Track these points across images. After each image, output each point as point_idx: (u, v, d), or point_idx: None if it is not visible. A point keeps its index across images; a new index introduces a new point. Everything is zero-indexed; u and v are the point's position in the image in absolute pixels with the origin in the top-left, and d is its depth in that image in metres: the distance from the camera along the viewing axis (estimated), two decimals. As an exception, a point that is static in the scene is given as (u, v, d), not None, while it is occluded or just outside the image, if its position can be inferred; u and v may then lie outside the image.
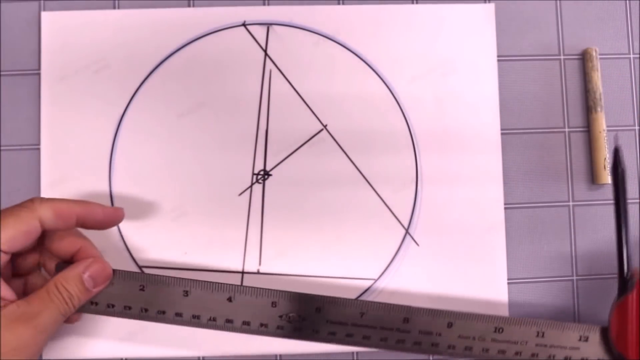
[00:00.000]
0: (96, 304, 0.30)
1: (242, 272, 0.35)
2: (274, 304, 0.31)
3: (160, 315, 0.31)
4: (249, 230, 0.35)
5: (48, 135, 0.35)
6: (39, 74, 0.36)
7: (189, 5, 0.37)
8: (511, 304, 0.36)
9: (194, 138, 0.36)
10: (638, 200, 0.37)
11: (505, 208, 0.36)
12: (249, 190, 0.36)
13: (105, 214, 0.30)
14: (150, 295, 0.30)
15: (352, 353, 0.35)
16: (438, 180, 0.36)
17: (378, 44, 0.37)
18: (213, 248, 0.35)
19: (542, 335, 0.32)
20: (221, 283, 0.31)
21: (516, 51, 0.38)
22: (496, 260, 0.36)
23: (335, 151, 0.36)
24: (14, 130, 0.36)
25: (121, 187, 0.35)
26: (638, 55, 0.38)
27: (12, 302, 0.27)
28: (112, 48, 0.36)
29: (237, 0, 0.37)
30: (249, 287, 0.31)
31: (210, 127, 0.36)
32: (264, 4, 0.37)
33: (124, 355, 0.34)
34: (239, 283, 0.35)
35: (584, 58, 0.38)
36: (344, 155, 0.36)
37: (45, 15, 0.36)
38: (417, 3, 0.37)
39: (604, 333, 0.31)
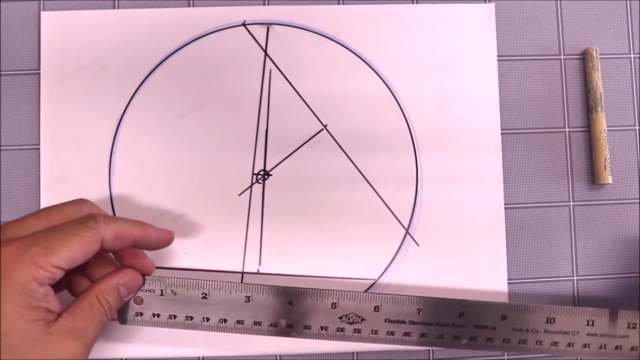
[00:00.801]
0: (141, 314, 0.31)
1: (242, 272, 0.35)
2: (333, 305, 0.31)
3: (188, 322, 0.31)
4: (249, 230, 0.35)
5: (48, 135, 0.35)
6: (38, 74, 0.36)
7: (188, 5, 0.37)
8: (511, 304, 0.36)
9: (193, 138, 0.36)
10: (638, 200, 0.37)
11: (505, 208, 0.36)
12: (249, 190, 0.36)
13: (159, 238, 0.31)
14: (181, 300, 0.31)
15: (352, 353, 0.35)
16: (438, 180, 0.36)
17: (378, 44, 0.37)
18: (213, 248, 0.35)
19: (592, 324, 0.32)
20: (281, 286, 0.32)
21: (516, 51, 0.38)
22: (496, 261, 0.36)
23: (335, 151, 0.36)
24: (14, 130, 0.36)
25: (121, 187, 0.35)
26: (638, 55, 0.38)
27: (58, 314, 0.27)
28: (112, 48, 0.36)
29: (237, 0, 0.37)
30: (310, 288, 0.32)
31: (210, 127, 0.36)
32: (264, 4, 0.37)
33: (124, 355, 0.34)
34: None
35: (585, 58, 0.38)
36: (344, 155, 0.36)
37: (45, 15, 0.36)
38: (417, 3, 0.37)
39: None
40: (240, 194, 0.36)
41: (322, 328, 0.32)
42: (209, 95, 0.36)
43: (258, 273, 0.35)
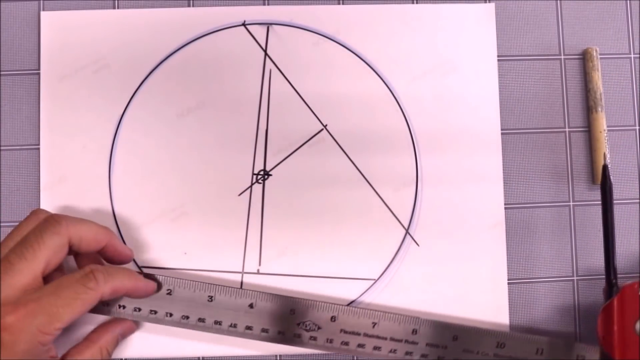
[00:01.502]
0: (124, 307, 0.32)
1: (242, 272, 0.35)
2: (292, 312, 0.32)
3: (183, 321, 0.32)
4: (249, 230, 0.35)
5: (48, 135, 0.35)
6: (38, 74, 0.36)
7: (188, 5, 0.37)
8: (511, 304, 0.36)
9: (193, 138, 0.36)
10: (638, 201, 0.37)
11: (505, 208, 0.36)
12: (249, 190, 0.36)
13: (146, 289, 0.32)
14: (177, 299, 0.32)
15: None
16: (438, 180, 0.36)
17: (378, 44, 0.37)
18: (213, 248, 0.35)
19: (541, 353, 0.33)
20: (243, 289, 0.33)
21: (516, 51, 0.38)
22: (496, 260, 0.36)
23: (335, 151, 0.36)
24: (14, 130, 0.36)
25: (121, 187, 0.35)
26: (639, 55, 0.38)
27: None
28: (112, 48, 0.36)
29: (237, 0, 0.37)
30: (268, 293, 0.32)
31: (210, 127, 0.36)
32: (264, 4, 0.37)
33: (124, 356, 0.34)
34: (239, 283, 0.35)
35: (585, 58, 0.38)
36: (344, 155, 0.36)
37: (44, 15, 0.36)
38: (417, 3, 0.37)
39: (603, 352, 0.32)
40: (240, 194, 0.36)
41: (279, 332, 0.32)
42: (209, 95, 0.36)
43: (258, 273, 0.35)
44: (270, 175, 0.36)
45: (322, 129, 0.36)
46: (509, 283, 0.36)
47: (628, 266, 0.37)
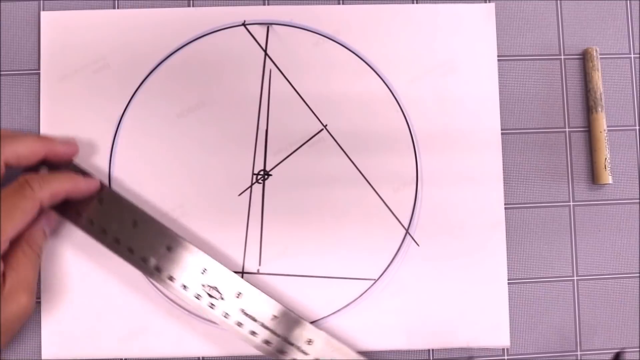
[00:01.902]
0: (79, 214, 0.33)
1: (242, 272, 0.35)
2: (204, 271, 0.33)
3: (115, 244, 0.33)
4: (249, 230, 0.35)
5: (48, 135, 0.35)
6: (38, 74, 0.36)
7: (189, 5, 0.37)
8: (511, 304, 0.36)
9: (193, 138, 0.36)
10: (638, 200, 0.37)
11: (505, 208, 0.36)
12: (249, 190, 0.36)
13: (88, 187, 0.32)
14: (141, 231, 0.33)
15: (352, 353, 0.35)
16: (438, 180, 0.36)
17: (378, 44, 0.37)
18: (213, 248, 0.35)
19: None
20: (167, 228, 0.33)
21: (516, 51, 0.38)
22: (496, 260, 0.36)
23: (335, 151, 0.36)
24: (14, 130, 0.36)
25: (121, 187, 0.35)
26: (639, 55, 0.38)
27: (3, 275, 0.29)
28: (112, 48, 0.36)
29: (237, 0, 0.37)
30: (187, 242, 0.33)
31: (210, 127, 0.36)
32: (264, 4, 0.37)
33: (124, 356, 0.34)
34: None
35: (585, 58, 0.38)
36: (344, 155, 0.36)
37: (44, 15, 0.36)
38: (417, 3, 0.37)
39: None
40: (240, 194, 0.36)
41: (183, 286, 0.32)
42: (209, 95, 0.36)
43: (258, 273, 0.35)
44: (270, 175, 0.36)
45: (322, 129, 0.36)
46: (509, 283, 0.36)
47: (628, 266, 0.37)
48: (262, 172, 0.36)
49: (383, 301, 0.35)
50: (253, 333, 0.32)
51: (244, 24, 0.37)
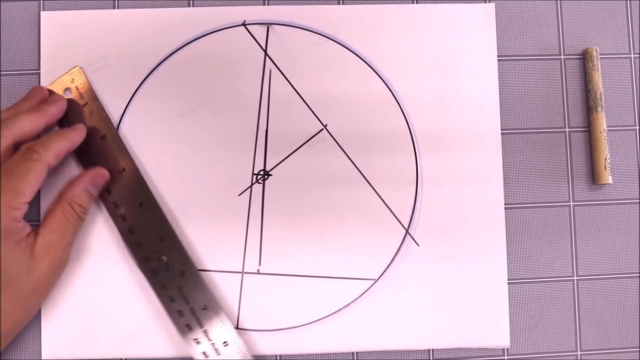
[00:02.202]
0: None
1: (242, 272, 0.35)
2: (162, 238, 0.34)
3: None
4: (249, 230, 0.35)
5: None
6: (38, 74, 0.36)
7: (189, 5, 0.37)
8: (511, 304, 0.36)
9: (193, 138, 0.36)
10: (638, 200, 0.37)
11: (505, 208, 0.36)
12: (249, 190, 0.36)
13: (81, 137, 0.33)
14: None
15: (352, 353, 0.35)
16: (438, 180, 0.36)
17: (378, 44, 0.37)
18: (213, 248, 0.35)
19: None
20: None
21: (516, 51, 0.38)
22: (496, 260, 0.36)
23: (335, 151, 0.36)
24: (14, 130, 0.36)
25: (121, 187, 0.35)
26: (639, 55, 0.38)
27: (36, 233, 0.31)
28: (112, 48, 0.36)
29: (237, 0, 0.37)
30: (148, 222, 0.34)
31: (210, 127, 0.36)
32: (264, 4, 0.37)
33: (123, 356, 0.34)
34: (239, 283, 0.35)
35: (585, 58, 0.38)
36: (344, 155, 0.36)
37: (44, 15, 0.36)
38: (417, 3, 0.37)
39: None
40: (240, 194, 0.36)
41: (145, 258, 0.34)
42: (209, 95, 0.36)
43: (258, 273, 0.35)
44: (270, 175, 0.36)
45: (322, 129, 0.36)
46: (509, 283, 0.36)
47: (628, 266, 0.37)
48: (262, 172, 0.36)
49: (383, 301, 0.35)
50: (180, 312, 0.33)
51: (244, 24, 0.37)
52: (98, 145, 0.34)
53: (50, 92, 0.34)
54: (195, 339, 0.33)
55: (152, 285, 0.34)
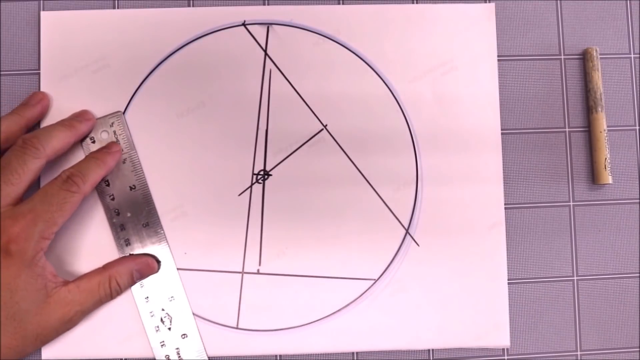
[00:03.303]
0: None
1: (242, 272, 0.35)
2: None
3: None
4: (249, 230, 0.35)
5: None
6: (38, 74, 0.36)
7: (188, 5, 0.37)
8: (511, 304, 0.36)
9: (193, 138, 0.36)
10: (638, 200, 0.37)
11: (505, 208, 0.36)
12: (249, 190, 0.36)
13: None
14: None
15: (352, 353, 0.35)
16: (438, 180, 0.36)
17: (378, 44, 0.37)
18: (213, 248, 0.35)
19: None
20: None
21: (516, 51, 0.38)
22: (496, 260, 0.36)
23: (335, 151, 0.36)
24: (14, 130, 0.36)
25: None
26: (639, 55, 0.38)
27: (63, 283, 0.31)
28: (112, 48, 0.36)
29: (237, 0, 0.37)
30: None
31: (210, 127, 0.36)
32: (264, 4, 0.37)
33: (123, 356, 0.34)
34: (239, 283, 0.35)
35: (585, 58, 0.38)
36: (344, 155, 0.36)
37: (44, 15, 0.36)
38: (417, 3, 0.37)
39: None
40: (240, 194, 0.36)
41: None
42: (209, 95, 0.36)
43: (258, 273, 0.35)
44: (270, 175, 0.36)
45: (322, 129, 0.36)
46: (509, 283, 0.36)
47: (628, 266, 0.37)
48: (262, 172, 0.36)
49: (383, 301, 0.35)
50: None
51: (244, 24, 0.37)
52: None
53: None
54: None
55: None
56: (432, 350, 0.36)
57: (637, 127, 0.38)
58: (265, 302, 0.35)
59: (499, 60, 0.37)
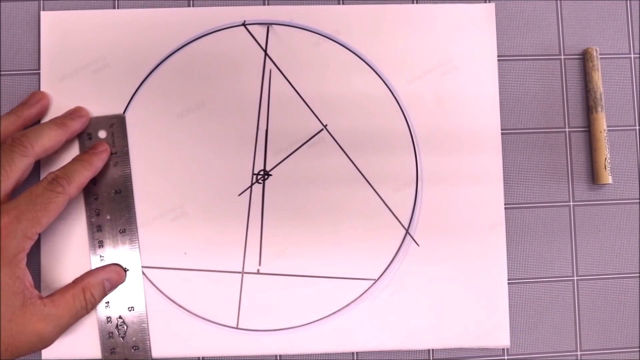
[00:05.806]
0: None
1: (242, 272, 0.35)
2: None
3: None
4: (249, 230, 0.35)
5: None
6: (38, 74, 0.36)
7: (188, 5, 0.37)
8: (511, 304, 0.36)
9: (193, 138, 0.36)
10: (638, 200, 0.37)
11: (505, 208, 0.36)
12: (248, 190, 0.36)
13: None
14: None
15: (352, 353, 0.35)
16: (438, 180, 0.36)
17: (378, 44, 0.37)
18: (213, 248, 0.35)
19: None
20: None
21: (516, 51, 0.38)
22: (496, 260, 0.36)
23: (335, 151, 0.36)
24: (14, 130, 0.36)
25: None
26: (638, 55, 0.38)
27: (39, 297, 0.30)
28: (112, 48, 0.36)
29: (237, 0, 0.37)
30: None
31: (210, 127, 0.36)
32: (264, 4, 0.37)
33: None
34: (239, 283, 0.35)
35: (585, 58, 0.38)
36: (344, 155, 0.36)
37: (44, 15, 0.36)
38: (417, 3, 0.37)
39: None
40: (240, 194, 0.36)
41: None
42: (209, 95, 0.36)
43: (258, 273, 0.35)
44: (270, 175, 0.36)
45: (322, 129, 0.36)
46: (509, 283, 0.36)
47: (628, 266, 0.37)
48: (262, 172, 0.36)
49: (383, 301, 0.35)
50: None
51: (244, 24, 0.37)
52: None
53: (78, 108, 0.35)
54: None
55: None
56: (432, 350, 0.36)
57: (637, 127, 0.38)
58: (265, 302, 0.35)
59: (499, 60, 0.37)
